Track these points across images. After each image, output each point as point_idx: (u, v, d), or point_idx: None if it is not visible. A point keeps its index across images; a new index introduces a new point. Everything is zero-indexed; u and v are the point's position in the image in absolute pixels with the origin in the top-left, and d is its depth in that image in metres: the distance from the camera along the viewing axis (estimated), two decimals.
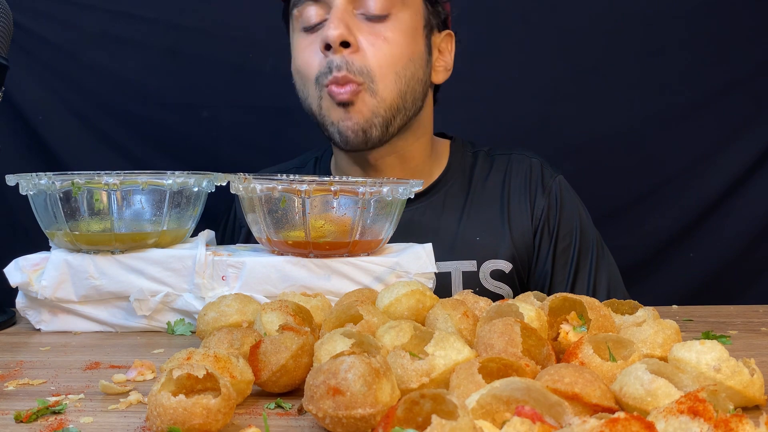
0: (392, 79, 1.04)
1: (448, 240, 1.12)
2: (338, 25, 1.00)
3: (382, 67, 1.03)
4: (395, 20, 1.05)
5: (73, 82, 1.56)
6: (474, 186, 1.17)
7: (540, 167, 1.19)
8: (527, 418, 0.44)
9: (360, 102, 1.03)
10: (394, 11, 1.04)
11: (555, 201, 1.16)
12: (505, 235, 1.13)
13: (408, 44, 1.05)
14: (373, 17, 1.04)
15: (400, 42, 1.04)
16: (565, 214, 1.16)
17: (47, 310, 0.85)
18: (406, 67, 1.05)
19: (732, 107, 1.63)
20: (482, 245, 1.12)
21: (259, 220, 0.88)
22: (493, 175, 1.18)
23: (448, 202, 1.15)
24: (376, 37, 1.03)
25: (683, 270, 1.66)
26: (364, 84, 1.02)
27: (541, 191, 1.16)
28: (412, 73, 1.06)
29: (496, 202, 1.15)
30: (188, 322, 0.85)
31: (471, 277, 1.11)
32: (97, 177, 0.82)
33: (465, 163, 1.19)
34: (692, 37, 1.62)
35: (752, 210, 1.65)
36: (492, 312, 0.67)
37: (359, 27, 1.03)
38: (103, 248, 0.84)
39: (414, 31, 1.07)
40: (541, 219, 1.15)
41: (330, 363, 0.51)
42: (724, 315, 0.98)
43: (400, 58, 1.04)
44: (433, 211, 1.15)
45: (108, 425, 0.54)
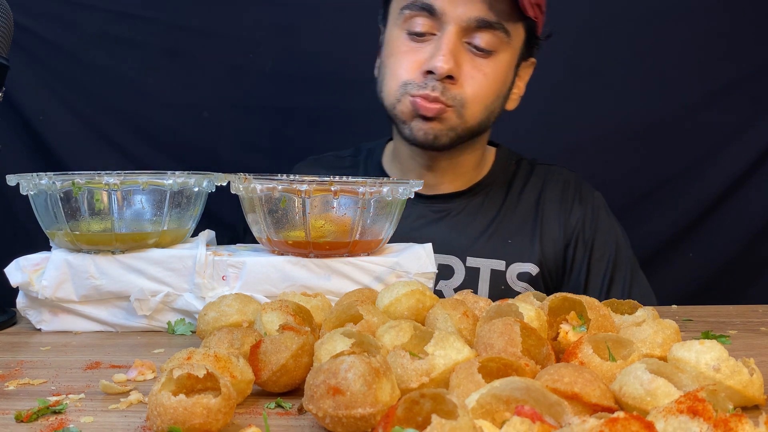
0: (480, 110, 1.09)
1: (480, 236, 1.16)
2: (449, 60, 1.04)
3: (476, 99, 1.08)
4: (497, 59, 1.08)
5: (74, 82, 1.56)
6: (512, 192, 1.22)
7: (579, 181, 1.25)
8: (527, 418, 0.44)
9: (443, 119, 1.08)
10: (500, 49, 1.08)
11: (592, 212, 1.21)
12: (535, 242, 1.17)
13: (502, 83, 1.10)
14: (479, 51, 1.06)
15: (497, 79, 1.09)
16: (602, 227, 1.20)
17: (48, 310, 0.85)
18: (494, 102, 1.11)
19: (732, 107, 1.63)
20: (512, 247, 1.16)
21: (259, 220, 0.88)
22: (531, 183, 1.23)
23: (485, 204, 1.20)
24: (477, 71, 1.07)
25: (683, 270, 1.66)
26: (453, 108, 1.07)
27: (578, 202, 1.21)
28: (497, 106, 1.12)
29: (531, 209, 1.20)
30: (188, 321, 0.85)
31: (499, 275, 1.15)
32: (97, 177, 0.82)
33: (507, 171, 1.24)
34: (693, 37, 1.62)
35: (752, 210, 1.65)
36: (492, 312, 0.67)
37: (463, 57, 1.07)
38: (104, 248, 0.84)
39: (509, 68, 1.11)
40: (576, 229, 1.19)
41: (330, 363, 0.51)
42: (724, 315, 0.98)
43: (492, 94, 1.10)
44: (469, 210, 1.19)
45: (108, 425, 0.54)
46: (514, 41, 1.10)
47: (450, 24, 1.05)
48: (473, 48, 1.06)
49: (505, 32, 1.06)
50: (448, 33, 1.04)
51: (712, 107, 1.63)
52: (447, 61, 1.03)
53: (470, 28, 1.05)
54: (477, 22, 1.04)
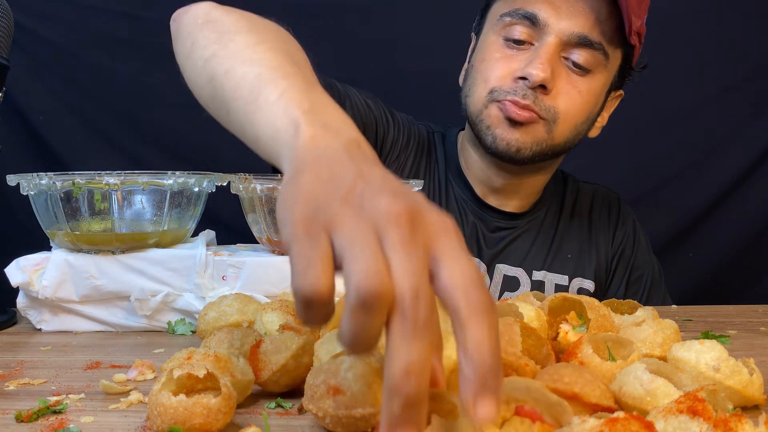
0: (570, 128, 1.05)
1: (545, 253, 1.17)
2: (546, 68, 0.99)
3: (566, 115, 1.04)
4: (593, 78, 1.05)
5: (74, 82, 1.57)
6: (565, 209, 1.22)
7: (620, 202, 1.27)
8: (527, 418, 0.44)
9: (531, 128, 1.03)
10: (596, 69, 1.04)
11: (633, 234, 1.24)
12: (591, 256, 1.19)
13: (593, 104, 1.07)
14: (576, 68, 1.03)
15: (590, 100, 1.06)
16: (641, 250, 1.23)
17: (48, 310, 0.85)
18: (584, 123, 1.08)
19: (732, 107, 1.63)
20: (573, 262, 1.18)
21: (260, 220, 0.88)
22: (581, 201, 1.24)
23: (545, 221, 1.20)
24: (572, 87, 1.03)
25: (683, 270, 1.66)
26: (545, 121, 1.03)
27: (622, 223, 1.24)
28: (584, 129, 1.10)
29: (585, 227, 1.22)
30: (189, 321, 0.85)
31: (562, 289, 1.16)
32: (97, 177, 0.82)
33: (558, 188, 1.25)
34: (693, 37, 1.62)
35: (752, 210, 1.65)
36: None
37: (559, 71, 1.03)
38: (104, 248, 0.84)
39: (603, 91, 1.09)
40: (621, 246, 1.22)
41: (330, 363, 0.51)
42: (724, 315, 0.98)
43: (582, 114, 1.06)
44: (532, 227, 1.19)
45: (109, 425, 0.54)
46: (611, 66, 1.06)
47: (551, 36, 1.01)
48: (570, 64, 1.03)
49: (605, 54, 1.03)
50: (547, 44, 1.01)
51: (712, 107, 1.63)
52: (544, 69, 0.99)
53: (570, 44, 1.01)
54: (578, 38, 1.01)
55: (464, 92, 1.11)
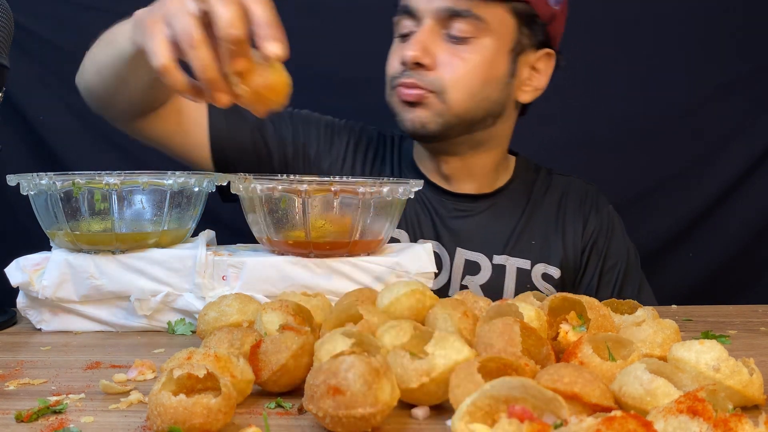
0: (464, 94, 1.09)
1: (505, 236, 1.19)
2: (415, 47, 1.07)
3: (456, 83, 1.08)
4: (477, 44, 1.09)
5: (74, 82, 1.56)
6: (534, 197, 1.24)
7: (596, 193, 1.28)
8: (515, 418, 0.44)
9: (426, 103, 1.09)
10: (478, 36, 1.08)
11: (607, 224, 1.24)
12: (557, 245, 1.20)
13: (486, 68, 1.10)
14: (455, 39, 1.08)
15: (477, 64, 1.09)
16: (616, 237, 1.24)
17: (48, 310, 0.85)
18: (481, 89, 1.10)
19: (732, 107, 1.63)
20: (537, 248, 1.19)
21: (260, 220, 0.88)
22: (552, 191, 1.25)
23: (509, 206, 1.22)
24: (455, 57, 1.08)
25: (683, 270, 1.66)
26: (435, 93, 1.08)
27: (595, 213, 1.24)
28: (487, 94, 1.11)
29: (552, 216, 1.23)
30: (189, 321, 0.85)
31: (524, 273, 1.17)
32: (97, 177, 0.82)
33: (528, 178, 1.26)
34: (692, 37, 1.62)
35: (752, 210, 1.65)
36: (492, 312, 0.67)
37: (441, 46, 1.09)
38: (104, 248, 0.84)
39: (495, 55, 1.10)
40: (592, 237, 1.22)
41: (330, 363, 0.51)
42: (724, 315, 0.98)
43: (475, 80, 1.09)
44: (494, 211, 1.21)
45: (109, 425, 0.54)
46: (497, 26, 1.09)
47: (425, 19, 1.08)
48: (450, 37, 1.08)
49: (477, 18, 1.07)
50: (422, 27, 1.09)
51: (712, 107, 1.63)
52: (413, 49, 1.07)
53: (444, 19, 1.08)
54: (447, 12, 1.07)
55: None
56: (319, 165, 1.23)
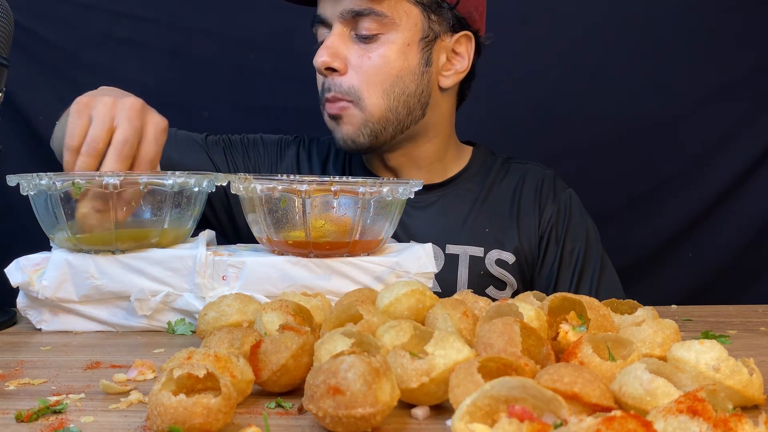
0: (379, 95, 1.10)
1: (458, 225, 1.19)
2: (323, 53, 1.09)
3: (368, 85, 1.09)
4: (384, 41, 1.09)
5: (74, 82, 1.56)
6: (489, 186, 1.24)
7: (553, 178, 1.26)
8: (515, 418, 0.44)
9: (347, 116, 1.11)
10: (383, 32, 1.09)
11: (564, 209, 1.23)
12: (512, 232, 1.20)
13: (396, 62, 1.10)
14: (363, 38, 1.09)
15: (386, 61, 1.09)
16: (573, 222, 1.23)
17: (48, 310, 0.85)
18: (395, 84, 1.10)
19: (732, 107, 1.63)
20: (489, 235, 1.19)
21: (260, 220, 0.88)
22: (508, 179, 1.25)
23: (461, 195, 1.22)
24: (364, 57, 1.09)
25: (683, 270, 1.66)
26: (353, 101, 1.10)
27: (552, 199, 1.23)
28: (402, 89, 1.11)
29: (507, 203, 1.22)
30: (189, 321, 0.85)
31: (477, 261, 1.17)
32: (97, 177, 0.82)
33: (483, 167, 1.26)
34: (692, 37, 1.62)
35: (752, 210, 1.65)
36: (492, 312, 0.67)
37: (351, 49, 1.10)
38: (104, 248, 0.84)
39: (404, 48, 1.10)
40: (549, 224, 1.21)
41: (330, 362, 0.51)
42: (724, 315, 0.98)
43: (387, 77, 1.10)
44: (445, 201, 1.21)
45: (109, 425, 0.54)
46: (402, 19, 1.09)
47: (334, 23, 1.10)
48: (359, 38, 1.09)
49: (379, 15, 1.08)
50: (331, 31, 1.10)
51: (712, 107, 1.63)
52: (320, 54, 1.09)
53: (350, 22, 1.09)
54: (350, 14, 1.08)
55: None
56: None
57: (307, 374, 0.53)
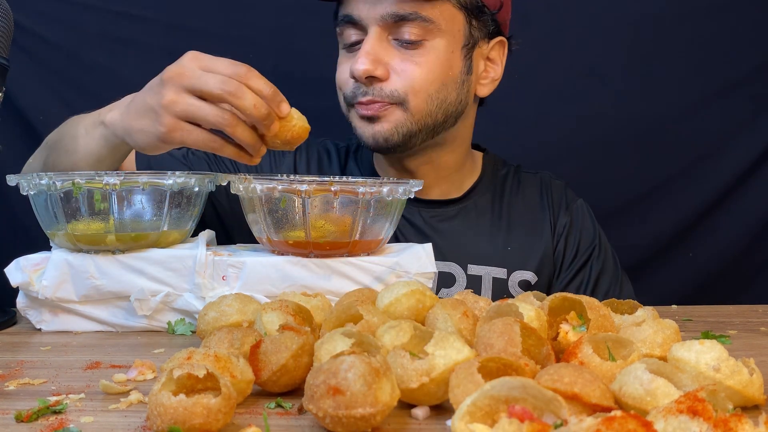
0: (424, 99, 1.05)
1: (481, 246, 1.16)
2: (365, 60, 1.02)
3: (414, 89, 1.04)
4: (429, 47, 1.05)
5: (73, 82, 1.56)
6: (505, 199, 1.21)
7: (564, 188, 1.25)
8: (515, 418, 0.44)
9: (388, 115, 1.05)
10: (428, 38, 1.04)
11: (577, 219, 1.21)
12: (533, 248, 1.17)
13: (441, 70, 1.06)
14: (406, 44, 1.04)
15: (432, 68, 1.05)
16: (585, 233, 1.21)
17: (48, 310, 0.85)
18: (439, 91, 1.06)
19: (732, 107, 1.63)
20: (512, 255, 1.16)
21: (260, 220, 0.88)
22: (523, 191, 1.23)
23: (479, 210, 1.19)
24: (408, 62, 1.04)
25: (683, 270, 1.66)
26: (396, 104, 1.05)
27: (564, 209, 1.21)
28: (445, 96, 1.07)
29: (525, 217, 1.20)
30: (189, 321, 0.85)
31: (500, 283, 1.14)
32: (97, 177, 0.82)
33: (496, 177, 1.23)
34: (692, 37, 1.62)
35: (752, 210, 1.65)
36: (492, 312, 0.67)
37: (392, 53, 1.04)
38: (104, 248, 0.84)
39: (450, 55, 1.06)
40: (563, 235, 1.19)
41: (330, 363, 0.51)
42: (724, 315, 0.98)
43: (433, 83, 1.05)
44: (464, 217, 1.18)
45: (108, 425, 0.54)
46: (447, 24, 1.05)
47: (370, 27, 1.04)
48: (401, 42, 1.04)
49: (425, 20, 1.03)
50: (368, 35, 1.04)
51: (712, 107, 1.63)
52: (362, 62, 1.02)
53: (390, 26, 1.03)
54: (393, 18, 1.02)
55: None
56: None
57: (307, 374, 0.53)
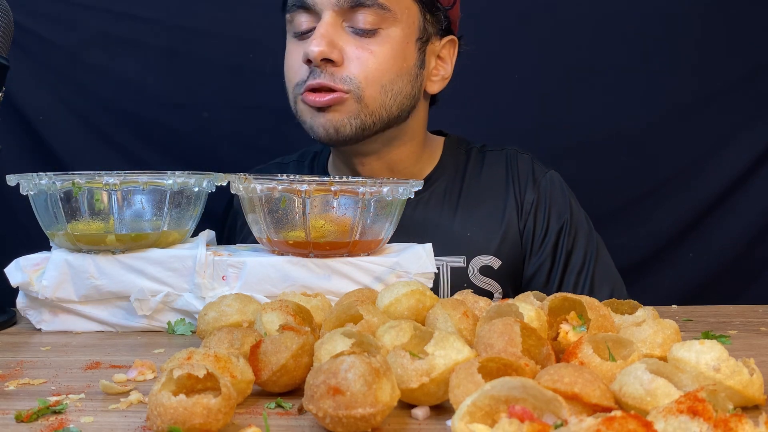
0: (378, 90, 1.03)
1: (437, 235, 1.10)
2: (320, 42, 1.00)
3: (367, 78, 1.02)
4: (384, 36, 1.03)
5: (73, 82, 1.57)
6: (467, 183, 1.17)
7: (531, 162, 1.19)
8: (516, 418, 0.44)
9: (341, 106, 1.02)
10: (384, 26, 1.03)
11: (545, 195, 1.16)
12: (495, 230, 1.13)
13: (396, 59, 1.04)
14: (360, 32, 1.02)
15: (387, 57, 1.03)
16: (555, 207, 1.16)
17: (48, 310, 0.85)
18: (393, 82, 1.04)
19: (732, 107, 1.63)
20: (472, 240, 1.12)
21: (260, 220, 0.88)
22: (486, 170, 1.18)
23: (435, 199, 1.15)
24: (363, 50, 1.02)
25: (683, 270, 1.66)
26: (350, 92, 1.02)
27: (531, 185, 1.16)
28: (400, 88, 1.05)
29: (488, 198, 1.15)
30: (188, 321, 0.85)
31: (459, 273, 1.11)
32: (97, 177, 0.82)
33: (458, 161, 1.19)
34: (692, 37, 1.62)
35: (752, 210, 1.65)
36: (492, 312, 0.67)
37: (346, 40, 1.03)
38: (104, 248, 0.84)
39: (404, 45, 1.05)
40: (530, 213, 1.14)
41: (330, 363, 0.51)
42: (724, 315, 0.98)
43: (387, 72, 1.03)
44: (422, 209, 1.14)
45: (108, 425, 0.54)
46: (402, 15, 1.04)
47: (324, 11, 1.02)
48: (355, 30, 1.02)
49: (382, 8, 1.01)
50: (322, 20, 1.02)
51: (712, 107, 1.63)
52: (318, 44, 0.99)
53: (345, 11, 1.02)
54: (349, 3, 1.01)
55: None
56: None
57: (307, 374, 0.53)
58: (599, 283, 1.14)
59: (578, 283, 1.13)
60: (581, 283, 1.13)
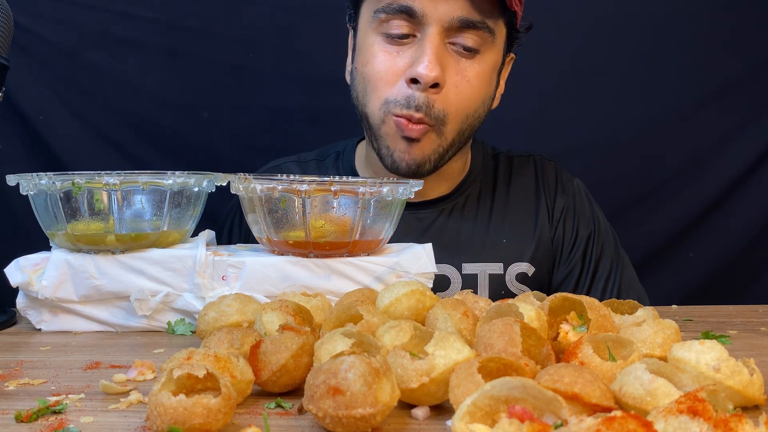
0: (460, 120, 1.02)
1: (475, 242, 1.11)
2: (435, 66, 0.95)
3: (457, 110, 1.01)
4: (482, 59, 1.01)
5: (73, 82, 1.57)
6: (498, 189, 1.17)
7: (557, 170, 1.20)
8: (516, 418, 0.44)
9: (425, 140, 1.01)
10: (484, 48, 1.01)
11: (573, 201, 1.17)
12: (529, 237, 1.13)
13: (487, 87, 1.04)
14: (463, 50, 0.99)
15: (481, 84, 1.02)
16: (585, 215, 1.17)
17: (48, 310, 0.85)
18: (477, 110, 1.04)
19: (732, 107, 1.63)
20: (508, 248, 1.12)
21: (260, 220, 0.88)
22: (515, 177, 1.18)
23: (470, 205, 1.15)
24: (461, 76, 1.00)
25: (683, 270, 1.66)
26: (434, 126, 1.00)
27: (561, 192, 1.17)
28: (479, 115, 1.05)
29: (520, 205, 1.16)
30: (188, 321, 0.85)
31: (497, 279, 1.11)
32: (97, 177, 0.82)
33: (487, 166, 1.19)
34: (692, 37, 1.62)
35: (752, 210, 1.65)
36: (492, 312, 0.67)
37: (448, 61, 0.99)
38: (104, 248, 0.84)
39: (493, 71, 1.05)
40: (560, 219, 1.15)
41: (330, 363, 0.51)
42: (724, 315, 0.98)
43: (475, 102, 1.02)
44: (457, 214, 1.14)
45: (108, 425, 0.54)
46: (498, 40, 1.03)
47: (432, 25, 0.96)
48: (460, 48, 0.99)
49: (489, 31, 0.99)
50: (430, 35, 0.96)
51: (712, 107, 1.64)
52: (432, 68, 0.95)
53: (453, 29, 0.97)
54: (460, 22, 0.96)
55: (357, 98, 1.07)
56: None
57: (307, 374, 0.53)
58: (626, 290, 1.14)
59: (606, 290, 1.14)
60: (609, 290, 1.14)
